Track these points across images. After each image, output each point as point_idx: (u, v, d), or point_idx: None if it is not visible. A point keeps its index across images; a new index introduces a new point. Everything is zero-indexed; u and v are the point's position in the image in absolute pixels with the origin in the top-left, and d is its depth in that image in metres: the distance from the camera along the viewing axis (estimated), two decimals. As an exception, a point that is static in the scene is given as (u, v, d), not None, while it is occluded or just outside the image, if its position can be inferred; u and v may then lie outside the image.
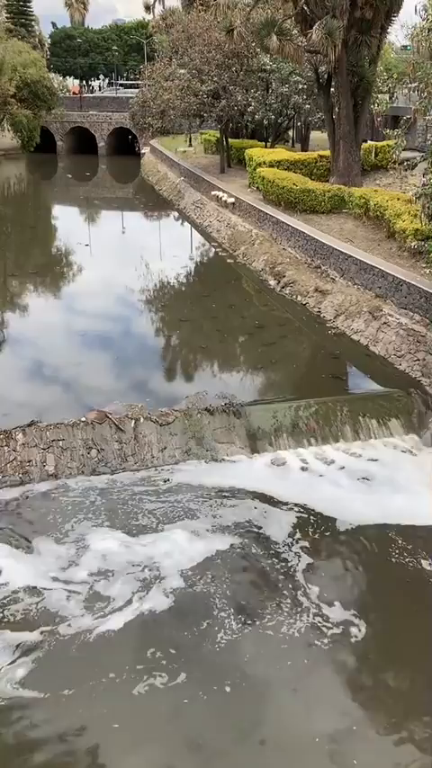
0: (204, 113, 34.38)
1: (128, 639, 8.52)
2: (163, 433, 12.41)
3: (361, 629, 8.71)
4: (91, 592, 9.24)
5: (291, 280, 20.42)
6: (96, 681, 7.93)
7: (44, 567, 9.64)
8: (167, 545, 10.15)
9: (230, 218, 27.89)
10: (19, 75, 44.69)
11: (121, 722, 7.42)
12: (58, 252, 28.57)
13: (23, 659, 8.18)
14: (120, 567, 9.67)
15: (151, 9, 73.74)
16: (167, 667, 8.11)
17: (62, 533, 10.37)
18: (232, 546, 10.24)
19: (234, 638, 8.54)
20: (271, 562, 9.96)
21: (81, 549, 10.02)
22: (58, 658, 8.24)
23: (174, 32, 37.08)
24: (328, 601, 9.18)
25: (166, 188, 40.90)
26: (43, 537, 10.28)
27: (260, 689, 7.91)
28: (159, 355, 17.02)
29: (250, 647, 8.43)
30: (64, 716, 7.52)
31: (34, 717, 7.52)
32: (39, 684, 7.86)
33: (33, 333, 18.20)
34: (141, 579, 9.46)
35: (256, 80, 32.58)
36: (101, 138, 63.11)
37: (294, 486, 11.61)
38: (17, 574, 9.47)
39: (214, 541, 10.27)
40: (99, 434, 12.13)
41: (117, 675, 8.00)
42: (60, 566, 9.70)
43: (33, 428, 11.94)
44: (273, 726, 7.49)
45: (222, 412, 12.84)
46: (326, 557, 10.16)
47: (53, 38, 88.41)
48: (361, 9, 23.05)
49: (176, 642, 8.48)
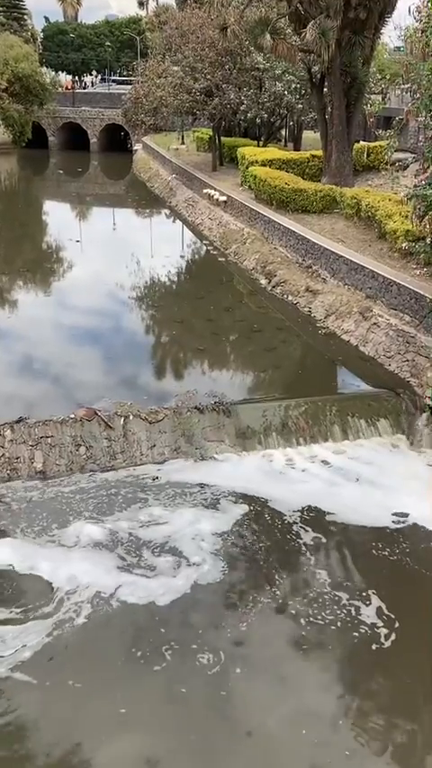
0: (197, 111, 34.33)
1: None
2: (152, 430, 12.38)
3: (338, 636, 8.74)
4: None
5: (282, 279, 20.44)
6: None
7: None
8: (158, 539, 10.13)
9: (222, 217, 27.87)
10: (11, 70, 44.43)
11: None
12: (49, 248, 28.44)
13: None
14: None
15: (145, 5, 73.56)
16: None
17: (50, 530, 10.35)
18: (222, 541, 10.23)
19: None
20: (259, 560, 9.97)
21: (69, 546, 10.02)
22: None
23: (167, 29, 37.01)
24: (313, 597, 9.21)
25: (158, 185, 40.82)
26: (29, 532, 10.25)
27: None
28: (149, 353, 16.99)
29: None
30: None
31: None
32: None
33: (23, 329, 18.09)
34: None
35: (250, 78, 32.57)
36: (93, 134, 62.91)
37: (283, 484, 11.63)
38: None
39: (203, 538, 10.25)
40: (88, 431, 12.09)
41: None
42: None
43: (21, 425, 11.88)
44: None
45: (212, 410, 12.83)
46: (314, 554, 10.16)
47: (46, 32, 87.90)
48: (355, 9, 23.10)
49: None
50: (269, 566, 9.89)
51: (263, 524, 10.75)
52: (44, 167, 56.78)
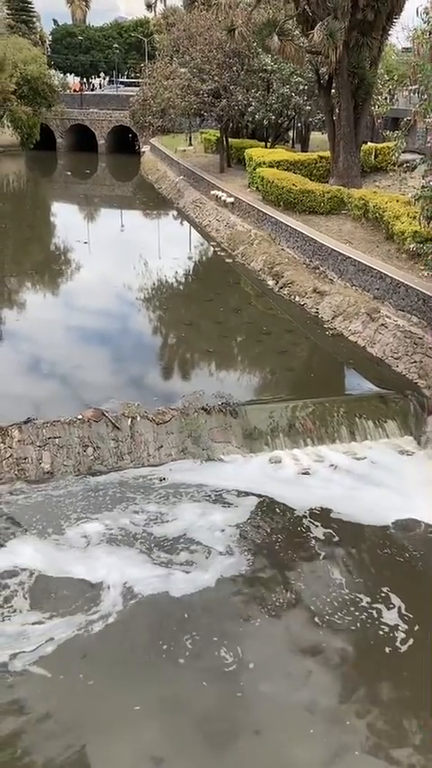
0: (205, 113, 34.40)
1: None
2: (159, 431, 12.40)
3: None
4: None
5: (289, 280, 20.43)
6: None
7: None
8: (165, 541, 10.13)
9: (230, 218, 27.89)
10: (19, 72, 44.60)
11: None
12: (57, 250, 28.52)
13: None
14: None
15: (153, 7, 73.73)
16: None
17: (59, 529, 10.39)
18: (229, 543, 10.24)
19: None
20: (267, 561, 9.97)
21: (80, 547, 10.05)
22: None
23: (175, 31, 37.03)
24: (324, 601, 9.20)
25: (166, 187, 40.88)
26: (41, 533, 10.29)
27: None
28: (157, 354, 17.02)
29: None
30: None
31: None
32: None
33: (31, 330, 18.17)
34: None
35: (257, 80, 32.58)
36: (101, 135, 63.05)
37: (290, 485, 11.61)
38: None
39: (212, 540, 10.26)
40: (95, 432, 12.12)
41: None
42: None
43: (30, 425, 11.92)
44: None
45: (219, 411, 12.84)
46: (323, 556, 10.16)
47: (54, 35, 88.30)
48: (362, 11, 23.07)
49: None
50: (281, 570, 9.87)
51: (272, 527, 10.73)
52: (52, 169, 56.95)
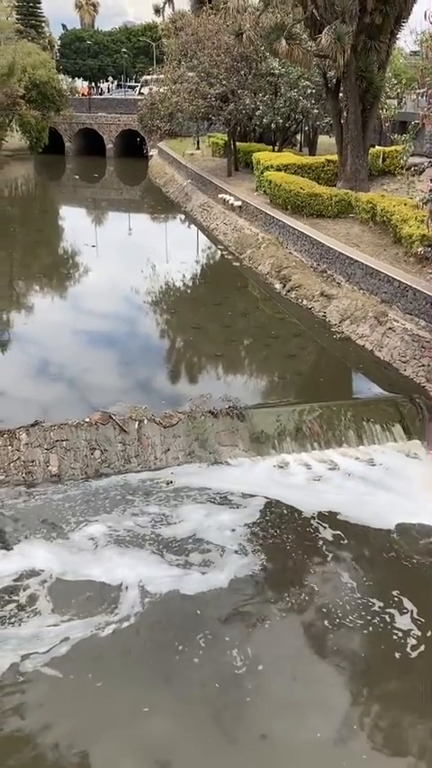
0: (212, 116, 34.44)
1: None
2: (166, 435, 12.41)
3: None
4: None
5: (296, 284, 20.43)
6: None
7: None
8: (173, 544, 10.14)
9: (237, 222, 27.92)
10: (28, 77, 44.83)
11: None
12: (65, 253, 28.62)
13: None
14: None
15: (161, 12, 73.97)
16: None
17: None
18: (239, 546, 10.24)
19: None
20: (277, 564, 9.96)
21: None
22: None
23: (183, 35, 37.13)
24: (337, 605, 9.18)
25: (174, 190, 40.98)
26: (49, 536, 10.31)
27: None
28: (165, 357, 17.04)
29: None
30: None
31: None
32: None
33: (39, 333, 18.24)
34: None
35: (265, 84, 32.63)
36: (109, 139, 63.26)
37: (298, 489, 11.60)
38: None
39: (222, 543, 10.26)
40: (103, 435, 12.14)
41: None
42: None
43: (37, 428, 11.96)
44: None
45: (226, 415, 12.84)
46: (332, 559, 10.15)
47: (63, 40, 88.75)
48: (371, 14, 23.07)
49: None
50: (291, 572, 9.88)
51: (281, 529, 10.72)
52: (60, 173, 57.18)
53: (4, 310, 20.16)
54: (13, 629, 8.62)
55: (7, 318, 19.49)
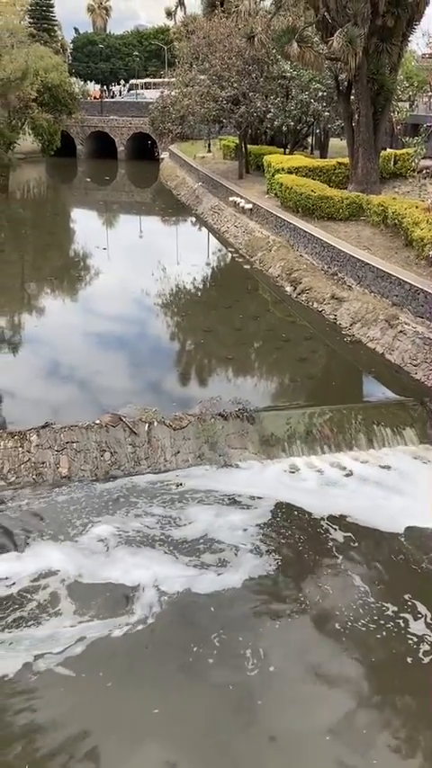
0: (224, 119, 34.51)
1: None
2: (176, 437, 12.42)
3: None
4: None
5: (307, 286, 20.40)
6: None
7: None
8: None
9: (248, 224, 27.93)
10: (40, 80, 45.06)
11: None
12: (76, 256, 28.73)
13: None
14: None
15: (173, 15, 74.06)
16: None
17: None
18: (250, 548, 10.23)
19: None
20: (289, 567, 9.93)
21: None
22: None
23: (195, 38, 37.21)
24: (349, 606, 9.15)
25: (185, 193, 41.05)
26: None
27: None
28: (175, 360, 17.05)
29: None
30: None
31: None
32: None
33: (50, 336, 18.31)
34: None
35: (276, 87, 32.65)
36: (120, 142, 63.51)
37: (309, 492, 11.57)
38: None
39: (234, 546, 10.26)
40: (113, 437, 12.16)
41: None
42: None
43: (47, 430, 12.00)
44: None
45: (236, 417, 12.83)
46: (344, 562, 10.12)
47: (75, 43, 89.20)
48: (382, 17, 23.05)
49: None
50: (303, 576, 9.85)
51: (292, 532, 10.69)
52: (72, 175, 57.44)
53: (15, 312, 20.28)
54: (28, 630, 8.64)
55: (19, 320, 19.59)
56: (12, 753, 7.19)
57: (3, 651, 8.31)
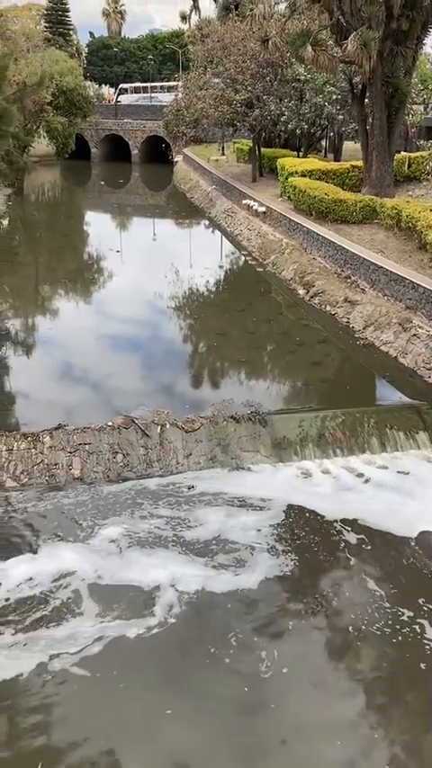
0: (238, 122, 34.56)
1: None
2: (188, 439, 12.44)
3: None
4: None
5: (320, 289, 20.37)
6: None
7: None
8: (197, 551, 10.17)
9: (261, 227, 27.94)
10: (56, 84, 45.36)
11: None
12: (90, 258, 28.89)
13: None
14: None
15: (187, 19, 74.32)
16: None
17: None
18: (266, 549, 10.24)
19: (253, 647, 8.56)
20: (303, 570, 9.92)
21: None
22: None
23: (209, 42, 37.32)
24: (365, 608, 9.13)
25: (198, 196, 41.14)
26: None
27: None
28: (188, 363, 17.08)
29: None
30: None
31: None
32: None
33: (63, 338, 18.38)
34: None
35: (290, 90, 32.67)
36: (134, 145, 63.78)
37: (321, 495, 11.54)
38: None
39: (247, 548, 10.27)
40: (125, 439, 12.21)
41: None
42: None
43: (60, 431, 12.06)
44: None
45: (248, 420, 12.83)
46: (358, 566, 10.09)
47: (90, 47, 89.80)
48: (397, 20, 23.00)
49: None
50: (317, 579, 9.84)
51: (305, 535, 10.67)
52: (86, 178, 57.73)
53: (29, 314, 20.40)
54: (46, 630, 8.66)
55: (33, 322, 19.70)
56: (23, 750, 7.23)
57: (18, 651, 8.35)
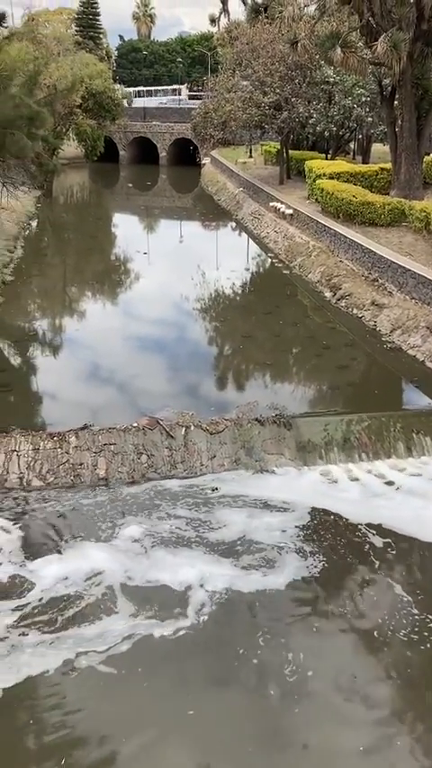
0: (266, 125, 34.52)
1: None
2: (213, 441, 12.44)
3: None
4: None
5: (347, 292, 20.25)
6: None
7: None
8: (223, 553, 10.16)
9: (288, 230, 27.87)
10: (85, 87, 45.74)
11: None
12: (117, 260, 29.06)
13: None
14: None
15: (216, 22, 74.50)
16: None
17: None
18: (292, 552, 10.21)
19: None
20: (329, 573, 9.87)
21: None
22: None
23: (238, 44, 37.34)
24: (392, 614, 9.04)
25: (225, 198, 41.17)
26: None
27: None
28: (212, 364, 17.10)
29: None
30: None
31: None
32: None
33: (90, 339, 18.54)
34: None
35: (319, 92, 32.54)
36: (162, 148, 64.03)
37: (346, 499, 11.47)
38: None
39: (273, 550, 10.25)
40: (150, 440, 12.25)
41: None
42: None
43: (86, 431, 12.16)
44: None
45: (272, 423, 12.80)
46: (384, 571, 10.01)
47: (120, 50, 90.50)
48: (428, 21, 22.81)
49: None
50: (344, 583, 9.80)
51: (330, 539, 10.62)
52: (114, 180, 58.11)
53: (57, 315, 20.59)
54: (74, 629, 8.74)
55: (60, 323, 19.88)
56: (45, 745, 7.30)
57: (44, 649, 8.41)
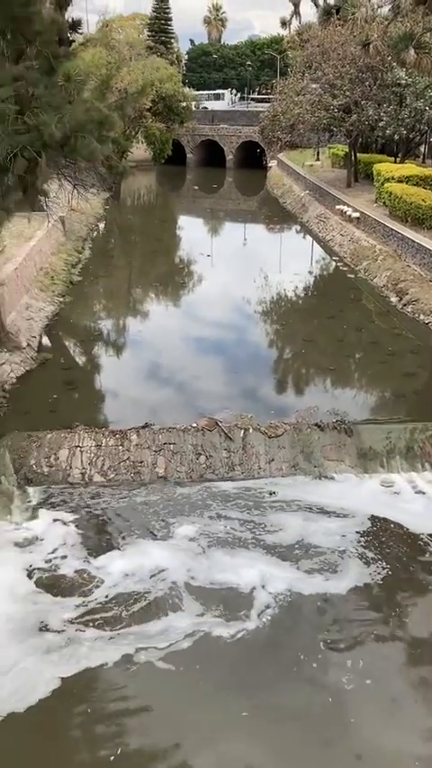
0: (334, 128, 34.19)
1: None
2: (271, 445, 12.37)
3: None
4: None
5: (414, 297, 19.82)
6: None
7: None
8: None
9: (354, 233, 27.50)
10: (155, 90, 46.35)
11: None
12: (181, 262, 29.30)
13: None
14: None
15: (287, 24, 74.22)
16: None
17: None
18: (353, 559, 10.08)
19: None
20: (389, 582, 9.69)
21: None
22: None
23: (309, 47, 37.09)
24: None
25: (290, 201, 40.98)
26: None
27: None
28: (272, 367, 17.01)
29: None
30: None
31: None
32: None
33: (152, 340, 18.76)
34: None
35: (390, 94, 31.96)
36: (229, 150, 64.27)
37: (408, 510, 11.21)
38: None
39: (333, 555, 10.14)
40: (209, 441, 12.29)
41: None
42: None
43: (147, 430, 12.30)
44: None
45: (333, 429, 12.63)
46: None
47: (190, 54, 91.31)
48: None
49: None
50: (405, 590, 9.64)
51: (390, 548, 10.41)
52: (181, 183, 58.67)
53: (121, 316, 20.92)
54: (134, 626, 8.83)
55: (124, 324, 20.19)
56: (101, 734, 7.42)
57: (103, 644, 8.52)
